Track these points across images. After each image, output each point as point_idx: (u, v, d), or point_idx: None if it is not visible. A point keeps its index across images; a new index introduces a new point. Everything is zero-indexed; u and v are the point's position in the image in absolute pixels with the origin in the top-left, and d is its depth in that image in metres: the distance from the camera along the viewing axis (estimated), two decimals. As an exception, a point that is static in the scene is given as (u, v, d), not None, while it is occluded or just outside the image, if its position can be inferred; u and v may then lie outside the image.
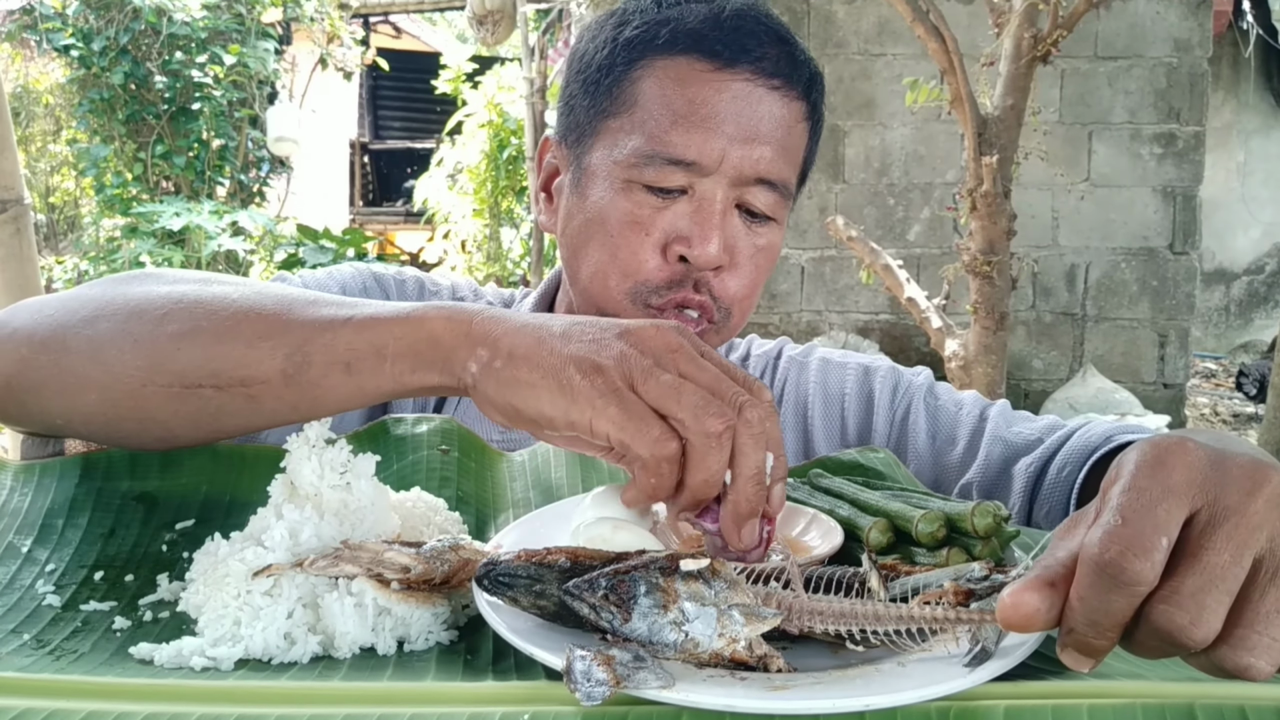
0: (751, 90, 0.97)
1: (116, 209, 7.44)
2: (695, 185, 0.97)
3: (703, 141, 0.95)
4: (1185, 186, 5.37)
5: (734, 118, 0.96)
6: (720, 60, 0.96)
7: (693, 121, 0.95)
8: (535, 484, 0.84)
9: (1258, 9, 7.74)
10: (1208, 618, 0.47)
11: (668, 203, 0.97)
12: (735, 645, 0.53)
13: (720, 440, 0.60)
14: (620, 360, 0.62)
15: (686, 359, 0.63)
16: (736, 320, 1.03)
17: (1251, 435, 6.03)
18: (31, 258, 2.37)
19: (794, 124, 1.00)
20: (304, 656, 0.58)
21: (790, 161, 1.01)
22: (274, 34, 7.80)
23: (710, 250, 0.96)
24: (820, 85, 1.05)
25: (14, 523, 0.76)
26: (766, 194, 0.99)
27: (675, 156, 0.96)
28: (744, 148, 0.96)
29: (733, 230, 0.99)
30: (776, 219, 1.02)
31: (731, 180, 0.97)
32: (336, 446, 0.69)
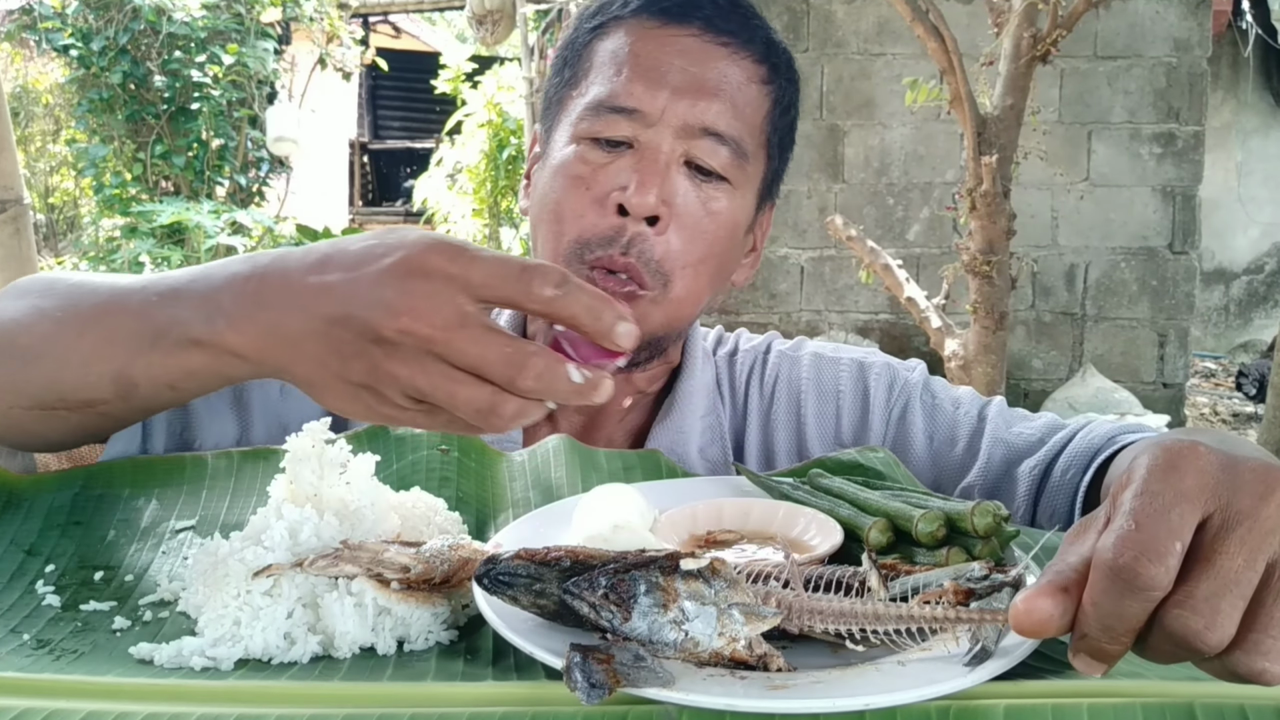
0: (700, 45, 0.97)
1: (116, 209, 7.44)
2: (640, 137, 0.96)
3: (645, 90, 0.95)
4: (1185, 186, 5.37)
5: (680, 70, 0.96)
6: (669, 17, 0.98)
7: (637, 72, 0.96)
8: (535, 484, 0.84)
9: (1257, 9, 7.74)
10: (1222, 622, 0.47)
11: (613, 156, 0.96)
12: (735, 644, 0.53)
13: (516, 418, 0.61)
14: (379, 376, 0.62)
15: (445, 340, 0.61)
16: (679, 292, 0.98)
17: (1251, 435, 6.04)
18: (30, 258, 2.37)
19: (746, 83, 0.99)
20: (304, 656, 0.58)
21: (743, 120, 0.98)
22: (273, 34, 7.80)
23: (646, 195, 0.93)
24: (784, 59, 1.04)
25: (15, 524, 0.76)
26: (715, 147, 0.97)
27: (618, 104, 0.96)
28: (687, 98, 0.95)
29: (676, 185, 0.96)
30: (730, 180, 0.98)
31: (675, 131, 0.95)
32: (336, 446, 0.69)
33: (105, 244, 7.55)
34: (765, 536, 0.72)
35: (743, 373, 1.14)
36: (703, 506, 0.74)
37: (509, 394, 0.62)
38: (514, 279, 0.62)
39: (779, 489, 0.78)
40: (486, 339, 0.62)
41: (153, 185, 7.39)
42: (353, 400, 0.64)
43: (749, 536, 0.72)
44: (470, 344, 0.61)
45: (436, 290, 0.62)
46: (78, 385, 0.75)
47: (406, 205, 10.78)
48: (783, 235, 5.49)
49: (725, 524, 0.73)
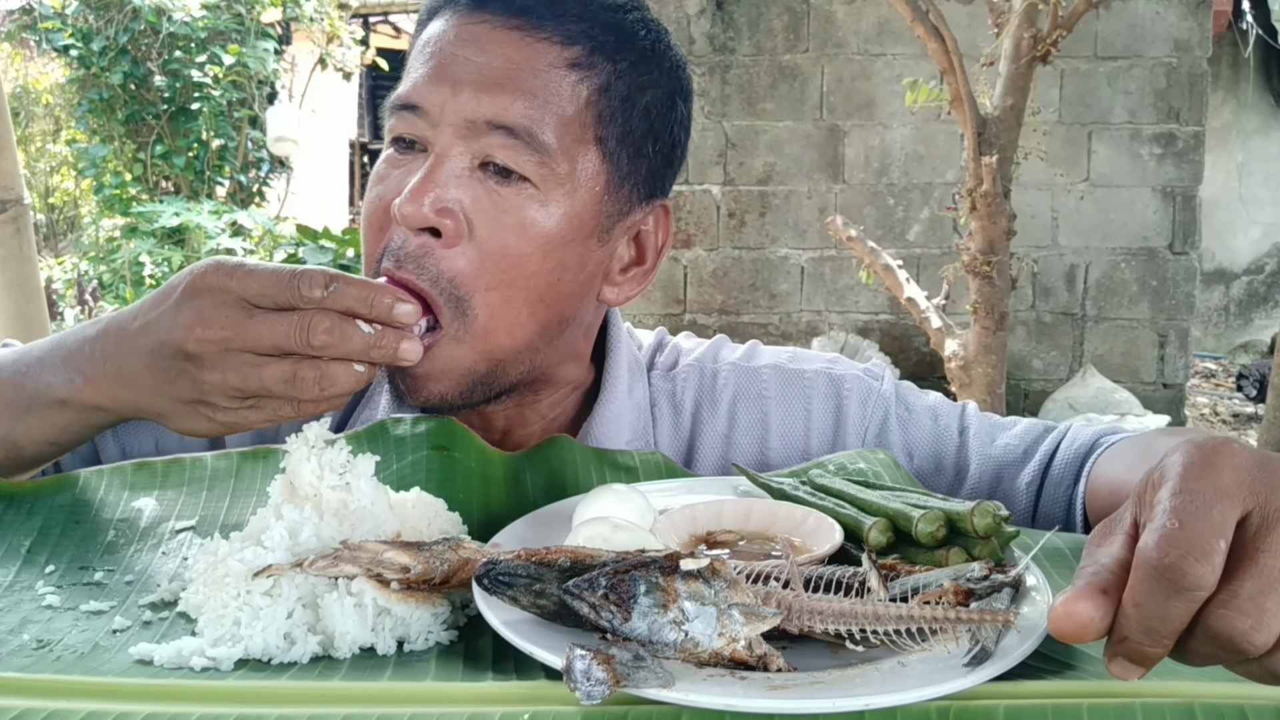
0: (487, 33, 0.87)
1: (116, 209, 7.43)
2: (429, 139, 0.86)
3: (426, 85, 0.87)
4: (1185, 186, 5.37)
5: (461, 62, 0.86)
6: (466, 7, 0.89)
7: (423, 67, 0.88)
8: (535, 484, 0.84)
9: (1257, 9, 7.74)
10: (1269, 621, 0.46)
11: (408, 158, 0.88)
12: (735, 644, 0.53)
13: (318, 384, 0.73)
14: (199, 395, 0.75)
15: (236, 340, 0.73)
16: (485, 319, 0.86)
17: (1251, 435, 6.04)
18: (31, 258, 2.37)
19: (543, 69, 0.86)
20: (304, 656, 0.58)
21: (539, 109, 0.85)
22: (273, 34, 7.80)
23: (411, 207, 0.83)
24: (623, 35, 0.90)
25: (15, 524, 0.76)
26: (507, 142, 0.84)
27: (403, 101, 0.88)
28: (468, 92, 0.85)
29: (467, 191, 0.85)
30: (534, 182, 0.85)
31: (459, 129, 0.85)
32: (336, 447, 0.69)
33: (105, 244, 7.54)
34: (765, 537, 0.72)
35: (687, 391, 1.03)
36: (703, 507, 0.74)
37: (310, 359, 0.73)
38: (285, 285, 0.74)
39: (779, 489, 0.78)
40: (273, 319, 0.73)
41: (153, 185, 7.39)
42: (194, 418, 0.77)
43: (749, 537, 0.72)
44: (260, 327, 0.73)
45: (217, 300, 0.74)
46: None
47: (407, 205, 10.75)
48: (783, 235, 5.50)
49: (725, 524, 0.73)
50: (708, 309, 5.53)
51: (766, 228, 5.50)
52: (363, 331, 0.74)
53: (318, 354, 0.73)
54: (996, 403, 3.67)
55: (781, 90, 5.45)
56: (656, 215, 0.96)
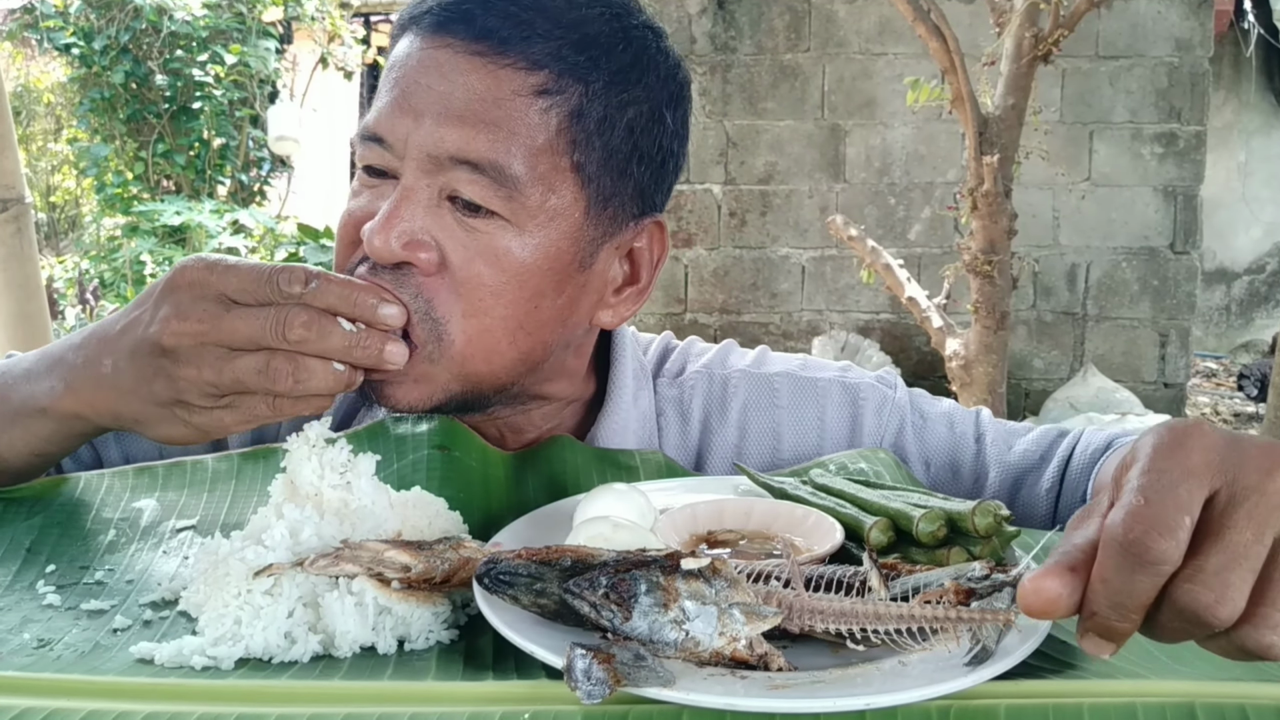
0: (449, 59, 0.83)
1: (117, 208, 7.44)
2: (397, 169, 0.84)
3: (389, 116, 0.83)
4: (1186, 186, 5.37)
5: (425, 90, 0.82)
6: (428, 28, 0.85)
7: (389, 95, 0.85)
8: (535, 484, 0.84)
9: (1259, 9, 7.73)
10: (1232, 595, 0.47)
11: (378, 183, 0.86)
12: (736, 644, 0.53)
13: (292, 376, 0.72)
14: (174, 393, 0.74)
15: (212, 334, 0.72)
16: (461, 347, 0.83)
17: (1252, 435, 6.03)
18: (32, 257, 2.37)
19: (507, 98, 0.82)
20: (304, 656, 0.58)
21: (505, 141, 0.81)
22: (275, 33, 7.80)
23: (380, 241, 0.80)
24: (598, 50, 0.85)
25: (15, 524, 0.76)
26: (473, 178, 0.81)
27: (368, 132, 0.85)
28: (430, 126, 0.82)
29: (433, 221, 0.82)
30: (502, 215, 0.82)
31: (423, 164, 0.82)
32: (336, 447, 0.69)
33: (107, 243, 7.55)
34: (766, 536, 0.72)
35: (696, 398, 1.02)
36: (703, 506, 0.74)
37: (286, 354, 0.71)
38: (264, 280, 0.73)
39: (780, 489, 0.78)
40: (250, 313, 0.72)
41: (154, 184, 7.39)
42: (171, 421, 0.76)
43: (750, 536, 0.72)
44: (236, 321, 0.72)
45: (195, 294, 0.73)
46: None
47: (408, 205, 10.75)
48: (784, 234, 5.49)
49: (726, 524, 0.73)
50: (708, 308, 5.53)
51: (767, 227, 5.50)
52: (343, 329, 0.73)
53: (294, 349, 0.72)
54: (997, 402, 3.67)
55: (782, 89, 5.45)
56: (650, 231, 0.92)
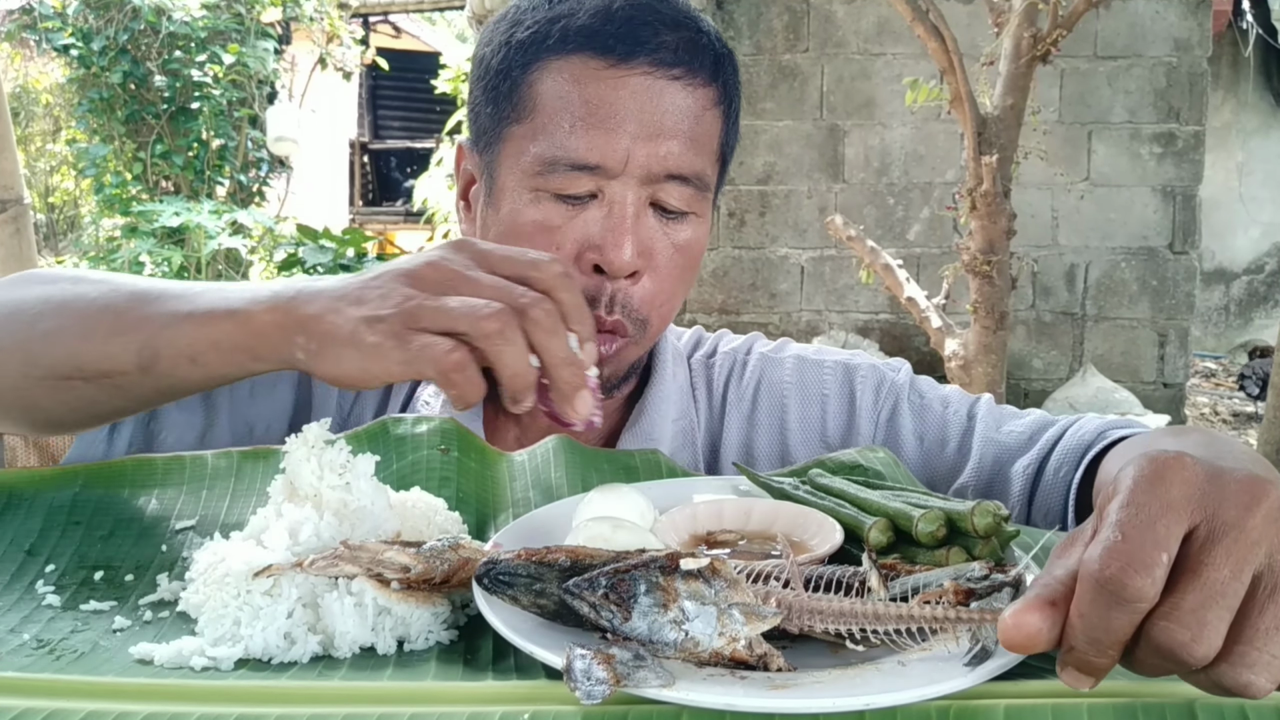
0: (651, 84, 0.92)
1: (116, 209, 7.44)
2: (604, 189, 0.92)
3: (605, 143, 0.91)
4: (1185, 186, 5.37)
5: (635, 115, 0.91)
6: (615, 55, 0.92)
7: (592, 123, 0.91)
8: (535, 484, 0.84)
9: (1257, 8, 7.74)
10: (1209, 634, 0.46)
11: (577, 209, 0.93)
12: (735, 644, 0.53)
13: (503, 336, 0.69)
14: (400, 305, 0.70)
15: (463, 280, 0.72)
16: (656, 327, 0.98)
17: (1251, 435, 6.04)
18: (31, 258, 2.37)
19: (701, 113, 0.95)
20: (304, 656, 0.58)
21: (703, 152, 0.95)
22: (273, 34, 7.80)
23: (624, 256, 0.91)
24: (730, 64, 0.99)
25: (15, 526, 0.76)
26: (680, 189, 0.94)
27: (578, 161, 0.91)
28: (649, 145, 0.92)
29: (648, 231, 0.94)
30: (695, 213, 0.97)
31: (640, 180, 0.92)
32: (336, 447, 0.69)
33: (105, 244, 7.55)
34: (766, 537, 0.72)
35: (721, 375, 1.11)
36: (703, 506, 0.74)
37: (516, 321, 0.70)
38: (528, 262, 0.74)
39: (780, 489, 0.78)
40: (503, 281, 0.72)
41: (153, 185, 7.39)
42: (351, 347, 0.70)
43: (750, 537, 0.72)
44: (485, 276, 0.72)
45: (461, 253, 0.74)
46: (100, 355, 0.79)
47: (407, 205, 10.76)
48: (783, 235, 5.50)
49: (726, 524, 0.73)
50: (708, 308, 5.53)
51: (766, 227, 5.50)
52: (569, 341, 0.72)
53: (522, 325, 0.70)
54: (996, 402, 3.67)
55: (781, 90, 5.45)
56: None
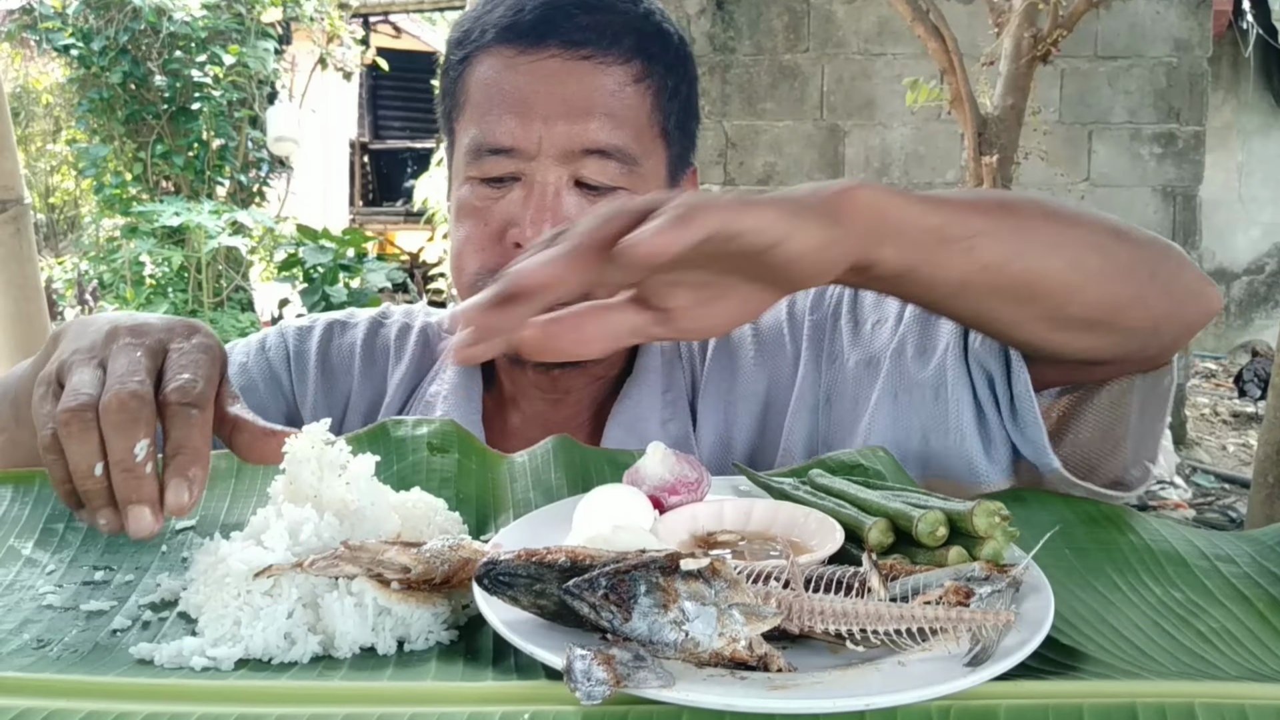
0: (561, 65, 0.96)
1: (116, 209, 7.44)
2: (524, 170, 0.96)
3: (518, 126, 0.95)
4: (1185, 186, 5.37)
5: (546, 96, 0.95)
6: (527, 42, 0.97)
7: (506, 108, 0.96)
8: (535, 484, 0.84)
9: (1257, 9, 7.74)
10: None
11: (502, 191, 0.98)
12: (735, 645, 0.53)
13: (66, 431, 0.67)
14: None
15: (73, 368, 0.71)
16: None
17: (1251, 435, 6.04)
18: (31, 258, 2.37)
19: (618, 89, 0.97)
20: (304, 656, 0.58)
21: (624, 126, 0.97)
22: (274, 34, 7.80)
23: (535, 232, 0.94)
24: (661, 40, 1.01)
25: (15, 527, 0.76)
26: (601, 164, 0.96)
27: (496, 145, 0.96)
28: (562, 124, 0.95)
29: (572, 209, 0.96)
30: (627, 187, 0.98)
31: (557, 159, 0.95)
32: (336, 447, 0.69)
33: (105, 244, 7.55)
34: (766, 537, 0.71)
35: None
36: (703, 507, 0.74)
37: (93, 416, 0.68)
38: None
39: (780, 489, 0.78)
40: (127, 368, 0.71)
41: (153, 185, 7.39)
42: None
43: (750, 537, 0.72)
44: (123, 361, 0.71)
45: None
46: None
47: (407, 205, 10.77)
48: (783, 235, 5.49)
49: (726, 524, 0.73)
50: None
51: (767, 227, 5.49)
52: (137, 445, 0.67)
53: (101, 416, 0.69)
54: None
55: (782, 90, 5.45)
56: (690, 178, 1.10)
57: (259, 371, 1.13)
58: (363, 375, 1.13)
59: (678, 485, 0.74)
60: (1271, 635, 0.62)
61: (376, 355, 1.15)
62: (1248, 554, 0.72)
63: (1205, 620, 0.63)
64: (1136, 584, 0.68)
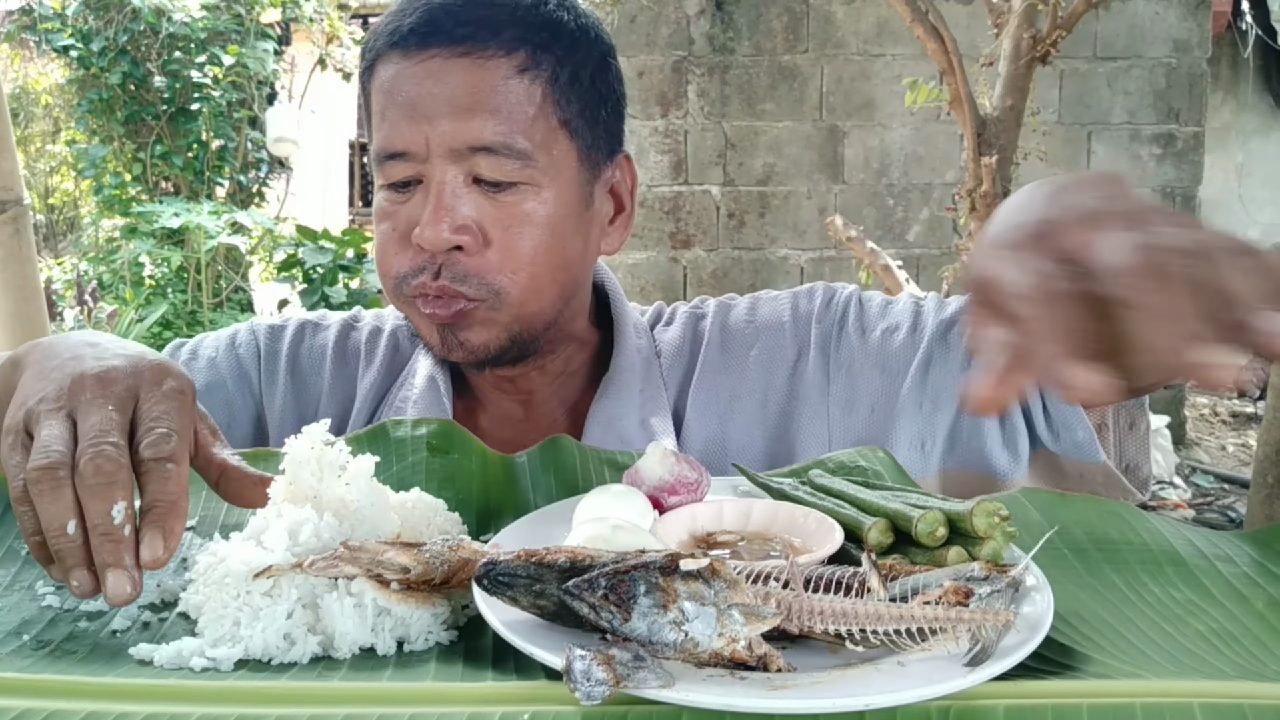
0: (440, 65, 0.96)
1: (115, 209, 7.43)
2: (421, 172, 0.97)
3: (407, 130, 0.96)
4: (1184, 187, 5.38)
5: (428, 98, 0.95)
6: (411, 46, 0.97)
7: (395, 114, 0.97)
8: (534, 484, 0.84)
9: (1257, 9, 7.74)
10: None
11: (406, 195, 0.98)
12: (735, 645, 0.53)
13: (38, 489, 0.63)
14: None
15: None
16: (515, 294, 0.97)
17: (1251, 435, 6.04)
18: (31, 258, 2.37)
19: (499, 83, 0.96)
20: (304, 657, 0.58)
21: (511, 120, 0.95)
22: (273, 34, 7.79)
23: (432, 233, 0.94)
24: (551, 26, 0.99)
25: (14, 528, 0.76)
26: (491, 160, 0.95)
27: (391, 150, 0.97)
28: (444, 123, 0.95)
29: (471, 206, 0.96)
30: (524, 181, 0.96)
31: (447, 158, 0.95)
32: (336, 447, 0.69)
33: (105, 244, 7.54)
34: (766, 537, 0.72)
35: (685, 334, 1.12)
36: (702, 507, 0.74)
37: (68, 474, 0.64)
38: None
39: (779, 489, 0.78)
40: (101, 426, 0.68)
41: (152, 186, 7.38)
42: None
43: (749, 537, 0.72)
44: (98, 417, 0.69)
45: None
46: None
47: (406, 206, 10.73)
48: (782, 236, 5.50)
49: (726, 525, 0.73)
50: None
51: (766, 228, 5.50)
52: (114, 508, 0.64)
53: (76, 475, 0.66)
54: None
55: (781, 90, 5.45)
56: (621, 165, 1.07)
57: (228, 368, 1.13)
58: (333, 378, 1.14)
59: (677, 485, 0.74)
60: (1271, 635, 0.62)
61: (348, 358, 1.15)
62: (1247, 554, 0.72)
63: (1205, 620, 0.63)
64: (1136, 584, 0.68)
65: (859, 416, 1.03)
